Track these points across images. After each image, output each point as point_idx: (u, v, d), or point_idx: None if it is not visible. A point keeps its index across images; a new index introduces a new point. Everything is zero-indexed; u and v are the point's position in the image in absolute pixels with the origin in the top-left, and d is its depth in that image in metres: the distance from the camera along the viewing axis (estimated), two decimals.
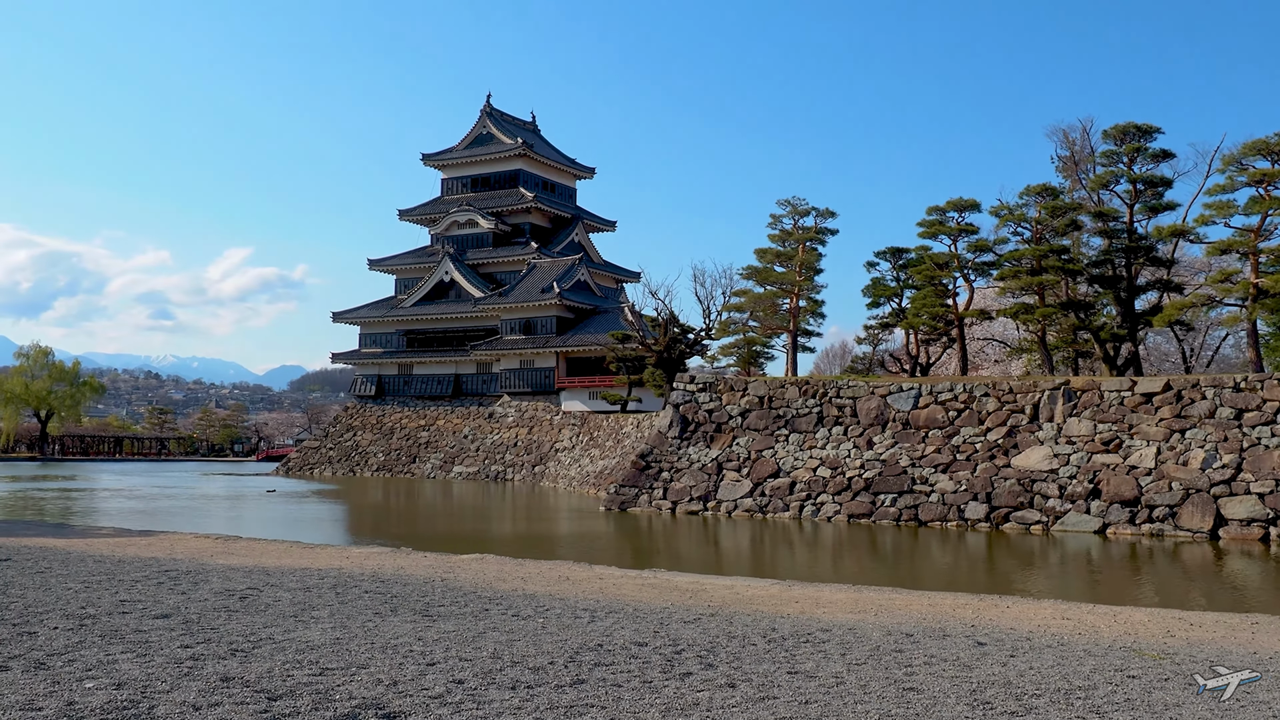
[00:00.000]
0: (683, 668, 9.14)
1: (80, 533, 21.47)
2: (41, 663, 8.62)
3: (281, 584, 13.45)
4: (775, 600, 13.35)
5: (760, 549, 31.00)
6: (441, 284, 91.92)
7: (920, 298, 41.94)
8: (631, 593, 13.95)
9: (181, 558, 16.25)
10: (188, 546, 18.18)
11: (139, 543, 18.78)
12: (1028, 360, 52.42)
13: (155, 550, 17.42)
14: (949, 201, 41.74)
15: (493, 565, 17.03)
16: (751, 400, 42.76)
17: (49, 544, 18.20)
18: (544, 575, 15.87)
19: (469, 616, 11.51)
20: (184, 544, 18.82)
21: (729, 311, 52.63)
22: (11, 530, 22.08)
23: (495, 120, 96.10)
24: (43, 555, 16.11)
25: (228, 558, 16.92)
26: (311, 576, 14.39)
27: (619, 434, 64.91)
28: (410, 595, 13.05)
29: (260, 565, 16.00)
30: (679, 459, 43.12)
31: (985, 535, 33.83)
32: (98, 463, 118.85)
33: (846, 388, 40.96)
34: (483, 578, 15.28)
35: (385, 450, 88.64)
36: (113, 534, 21.43)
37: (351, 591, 13.33)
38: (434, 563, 17.30)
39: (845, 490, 38.57)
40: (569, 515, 42.99)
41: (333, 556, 17.45)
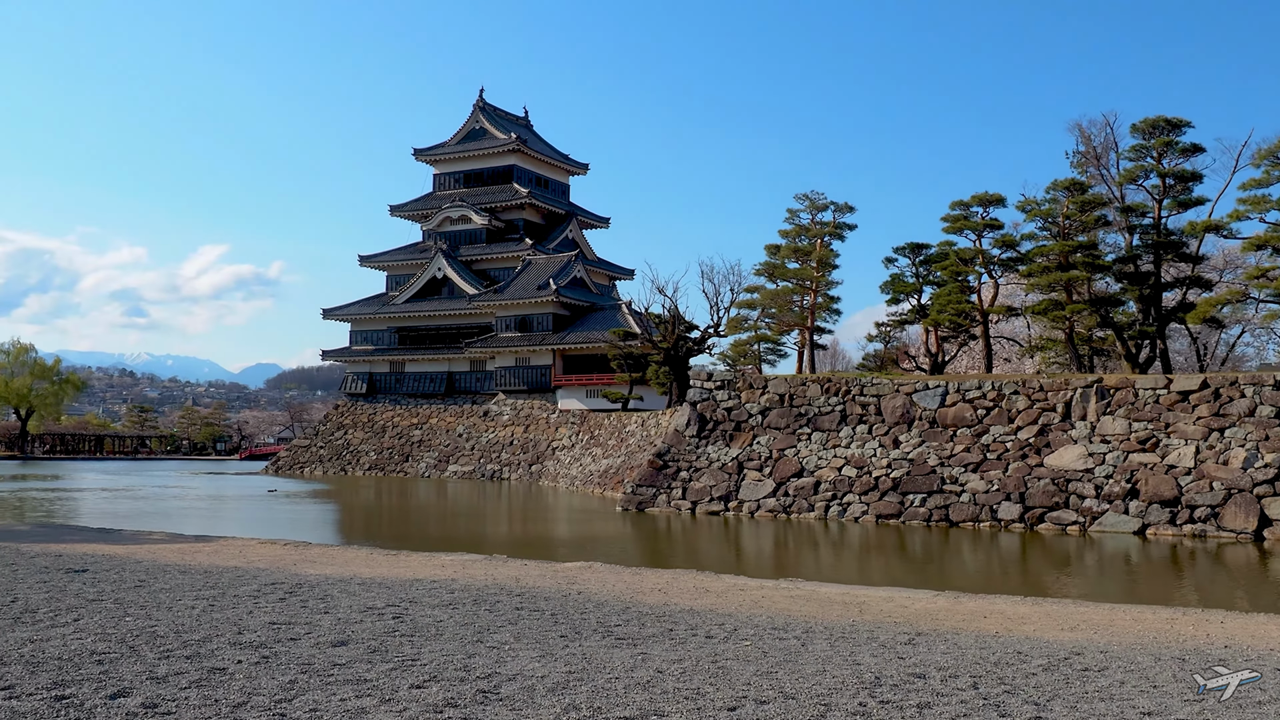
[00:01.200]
0: (1029, 712, 7.96)
1: (129, 538, 20.06)
2: (282, 714, 7.37)
3: (419, 599, 12.08)
4: (960, 615, 12.08)
5: (828, 552, 29.54)
6: (434, 280, 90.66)
7: (944, 294, 41.23)
8: (797, 607, 12.68)
9: (266, 567, 15.01)
10: (260, 554, 16.92)
11: (204, 549, 17.51)
12: (1042, 358, 51.85)
13: (229, 558, 16.16)
14: (974, 196, 41.09)
15: (608, 574, 15.81)
16: (772, 398, 41.93)
17: (108, 551, 16.88)
18: (678, 586, 14.64)
19: (664, 639, 10.16)
20: (253, 551, 17.55)
21: (740, 308, 51.77)
22: (57, 535, 20.66)
23: (488, 115, 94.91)
24: (116, 565, 14.81)
25: (316, 566, 15.72)
26: (439, 590, 13.08)
27: (622, 432, 63.94)
28: (569, 613, 11.70)
29: (358, 576, 14.75)
30: (698, 458, 42.23)
31: (1021, 536, 33.12)
32: (79, 462, 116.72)
33: (870, 385, 40.19)
34: (615, 589, 14.07)
35: (377, 449, 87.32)
36: (166, 539, 20.11)
37: (500, 608, 12.13)
38: (543, 571, 16.04)
39: (872, 490, 37.80)
40: (588, 516, 42.02)
41: (426, 565, 16.04)
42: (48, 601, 11.70)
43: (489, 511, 46.06)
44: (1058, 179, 39.26)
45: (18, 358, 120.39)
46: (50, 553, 16.59)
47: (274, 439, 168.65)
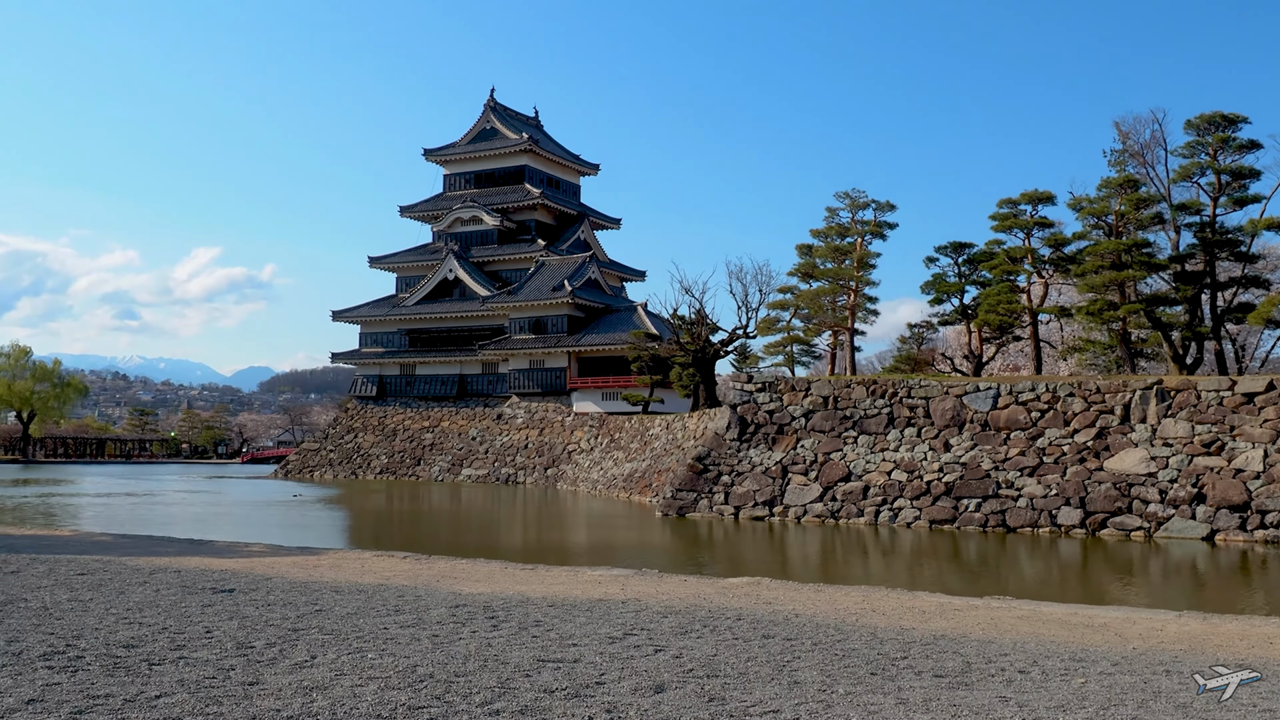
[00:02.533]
0: None
1: (227, 550, 18.79)
2: None
3: (651, 627, 10.80)
4: (1237, 640, 10.88)
5: (939, 561, 28.02)
6: (445, 282, 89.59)
7: (993, 293, 40.38)
8: (1050, 632, 11.01)
9: (412, 584, 13.51)
10: (385, 568, 15.58)
11: (321, 564, 16.13)
12: (1079, 359, 51.04)
13: (357, 573, 14.74)
14: (1023, 194, 40.27)
15: (792, 591, 14.59)
16: (815, 400, 41.03)
17: (225, 566, 15.56)
18: (890, 605, 13.44)
19: (993, 680, 8.85)
20: (376, 564, 16.17)
21: (772, 309, 50.85)
22: (149, 548, 19.26)
23: (499, 115, 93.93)
24: (253, 583, 13.45)
25: (465, 583, 14.39)
26: (644, 613, 11.69)
27: (644, 435, 63.00)
28: (858, 647, 10.28)
29: (530, 595, 13.48)
30: (739, 462, 41.31)
31: (1082, 542, 32.28)
32: (82, 466, 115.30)
33: (918, 387, 39.32)
34: (834, 610, 12.80)
35: (388, 452, 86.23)
36: (268, 551, 18.83)
37: (747, 635, 10.75)
38: (725, 589, 14.72)
39: (924, 495, 36.92)
40: (630, 521, 41.06)
41: (582, 581, 14.69)
42: (252, 632, 10.25)
43: (529, 517, 45.02)
44: (1109, 176, 38.46)
45: (18, 360, 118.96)
46: (166, 568, 15.28)
47: (272, 442, 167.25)
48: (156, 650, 9.19)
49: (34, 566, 15.69)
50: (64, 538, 23.13)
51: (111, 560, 16.34)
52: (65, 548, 19.51)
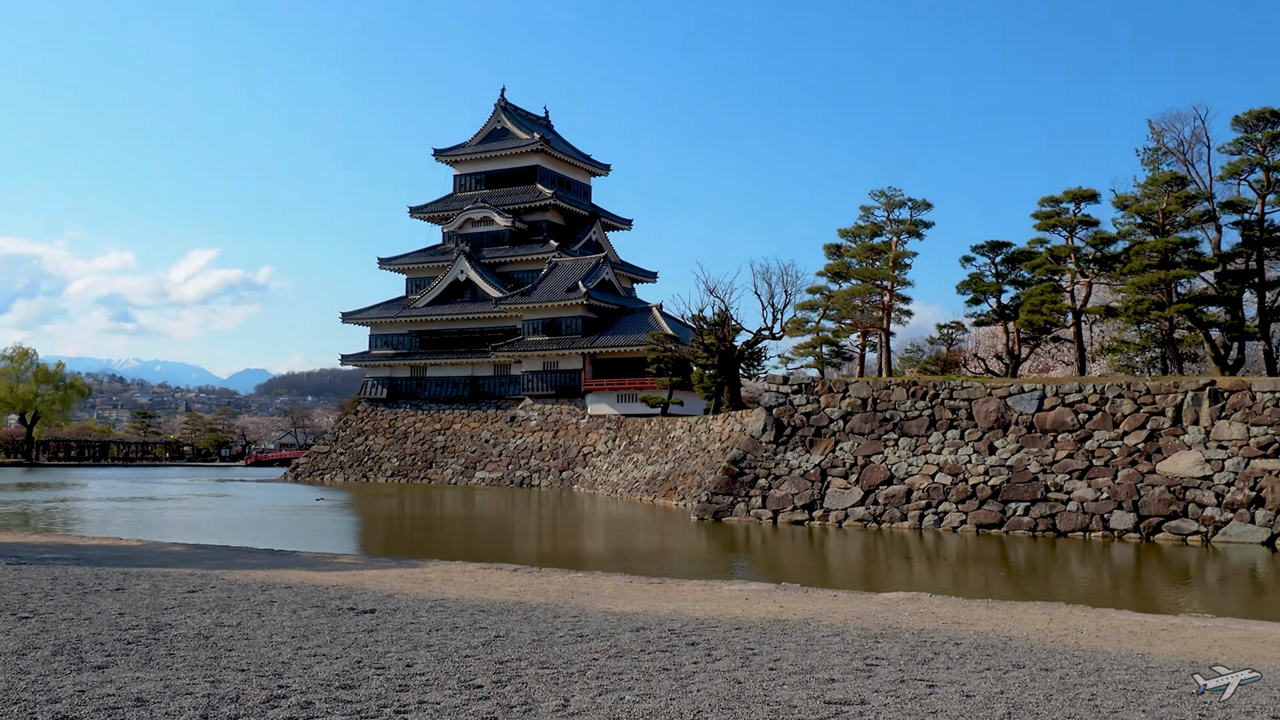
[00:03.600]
0: None
1: (315, 563, 17.69)
2: None
3: (880, 656, 9.92)
4: None
5: (1011, 566, 27.13)
6: (457, 283, 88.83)
7: (1036, 293, 39.67)
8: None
9: (547, 601, 12.69)
10: (501, 581, 14.33)
11: (430, 577, 14.80)
12: (1111, 361, 50.40)
13: (483, 590, 13.41)
14: (1065, 191, 39.57)
15: (967, 608, 13.68)
16: (854, 402, 40.30)
17: (334, 580, 14.73)
18: (1089, 625, 12.53)
19: None
20: (489, 578, 14.91)
21: (801, 310, 50.13)
22: (231, 559, 18.51)
23: (510, 115, 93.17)
24: (385, 603, 12.75)
25: (603, 600, 13.64)
26: (846, 636, 10.80)
27: (666, 438, 62.21)
28: (1094, 673, 9.38)
29: (681, 613, 12.63)
30: (776, 465, 40.57)
31: (1137, 546, 31.57)
32: (87, 469, 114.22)
33: (960, 389, 38.60)
34: (1041, 631, 11.87)
35: (399, 455, 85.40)
36: (361, 563, 17.71)
37: (1001, 665, 9.74)
38: (889, 605, 13.82)
39: (970, 498, 36.19)
40: (665, 526, 40.25)
41: (719, 596, 13.96)
42: (460, 666, 9.16)
43: (567, 522, 44.17)
44: (1156, 173, 37.76)
45: (21, 363, 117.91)
46: (274, 583, 14.49)
47: (274, 445, 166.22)
48: (381, 693, 8.22)
49: (136, 583, 14.80)
50: (134, 548, 22.16)
51: (209, 574, 15.43)
52: (143, 559, 18.60)
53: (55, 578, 15.15)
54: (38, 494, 60.56)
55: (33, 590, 13.82)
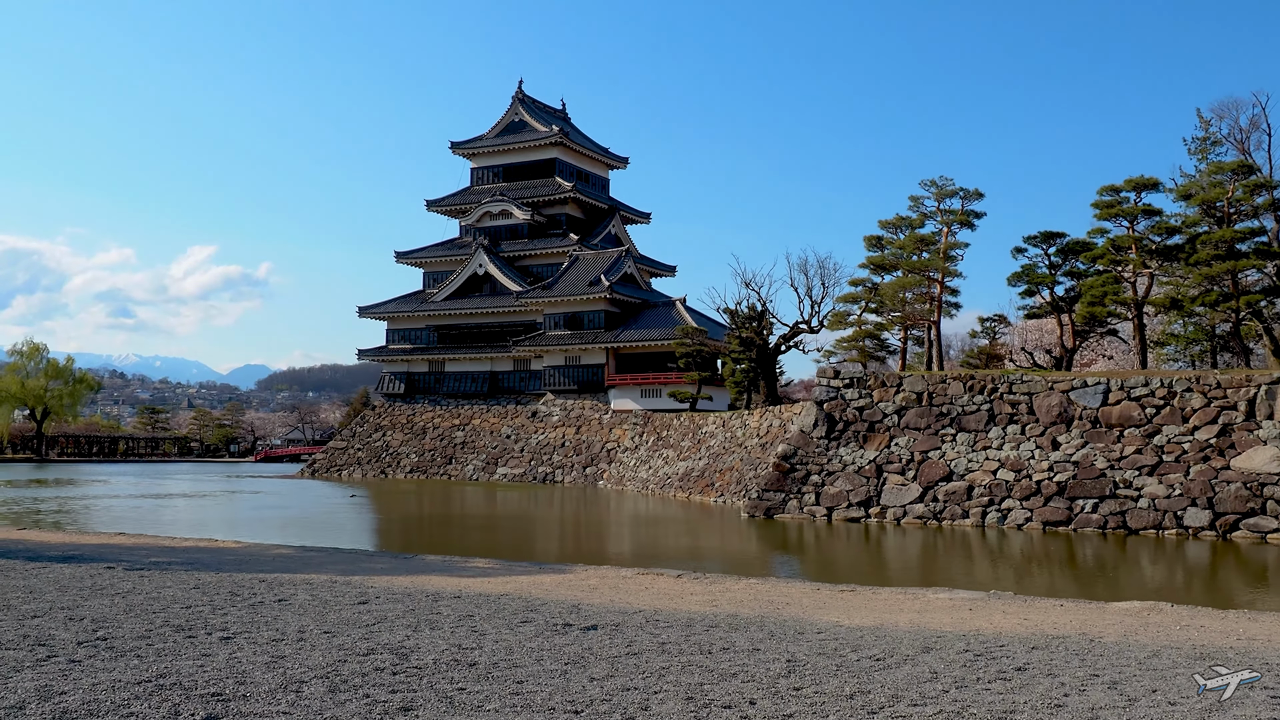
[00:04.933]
0: None
1: (450, 568, 16.25)
2: None
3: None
4: None
5: (1124, 567, 25.89)
6: (475, 277, 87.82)
7: (1097, 284, 38.74)
8: None
9: (752, 614, 11.38)
10: (679, 590, 13.48)
11: (594, 584, 13.64)
12: (1158, 355, 49.47)
13: (670, 599, 12.06)
14: (1126, 180, 38.61)
15: (1226, 620, 12.63)
16: (908, 396, 39.36)
17: (500, 589, 13.77)
18: None
19: None
20: (659, 585, 14.04)
21: (843, 303, 49.16)
22: (353, 564, 17.35)
23: (528, 107, 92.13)
24: (586, 614, 11.83)
25: (818, 612, 12.64)
26: (1166, 653, 9.92)
27: (697, 433, 61.28)
28: None
29: (923, 627, 11.62)
30: (829, 461, 39.64)
31: (1212, 544, 30.66)
32: (98, 465, 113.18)
33: (1020, 383, 37.66)
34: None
35: (418, 451, 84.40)
36: (498, 568, 16.31)
37: None
38: (1131, 615, 12.81)
39: (1034, 495, 35.27)
40: (721, 524, 39.28)
41: (938, 606, 13.04)
42: (781, 704, 8.01)
43: (611, 520, 43.12)
44: (1222, 161, 36.82)
45: (31, 358, 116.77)
46: (434, 592, 13.33)
47: (280, 440, 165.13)
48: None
49: (290, 592, 13.59)
50: (236, 549, 20.86)
51: (351, 581, 14.26)
52: (259, 563, 17.34)
53: (197, 586, 14.08)
54: (63, 490, 59.62)
55: (195, 603, 12.68)
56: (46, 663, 8.86)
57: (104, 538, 23.34)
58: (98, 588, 13.86)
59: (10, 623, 10.99)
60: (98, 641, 9.98)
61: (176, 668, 8.75)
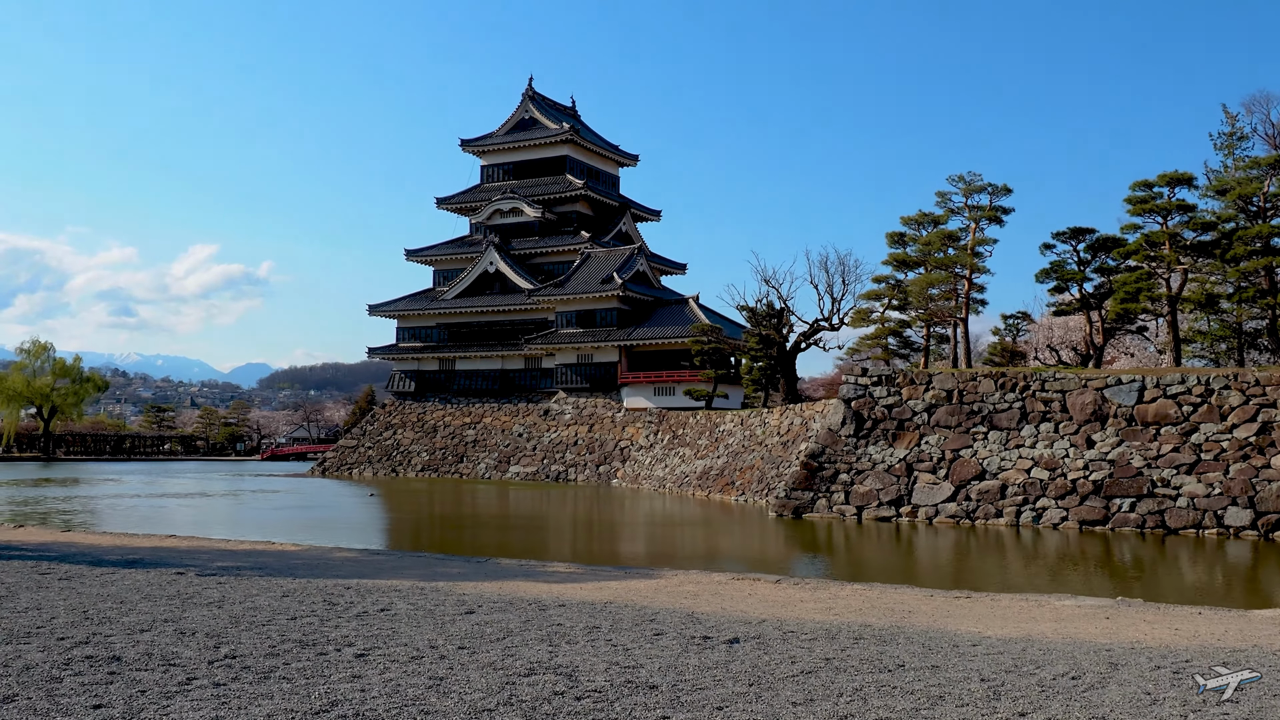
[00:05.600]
0: None
1: (531, 572, 15.60)
2: None
3: None
4: None
5: (1189, 568, 25.45)
6: (486, 275, 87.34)
7: (1130, 280, 38.29)
8: None
9: (883, 624, 10.72)
10: (783, 596, 13.07)
11: (692, 589, 13.33)
12: (1185, 352, 48.97)
13: (776, 607, 11.61)
14: (1160, 176, 38.17)
15: None
16: (938, 394, 38.92)
17: (588, 596, 13.25)
18: None
19: None
20: (758, 590, 13.49)
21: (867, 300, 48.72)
22: (426, 567, 16.66)
23: (538, 105, 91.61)
24: (757, 634, 10.93)
25: (953, 621, 12.16)
26: None
27: (714, 432, 60.83)
28: None
29: (1108, 644, 10.83)
30: (858, 459, 39.20)
31: (1255, 544, 30.22)
32: (106, 463, 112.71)
33: (1052, 380, 37.22)
34: None
35: (429, 449, 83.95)
36: (581, 573, 15.53)
37: None
38: (1256, 627, 12.22)
39: (1070, 494, 34.83)
40: (750, 523, 38.84)
41: (1068, 616, 12.49)
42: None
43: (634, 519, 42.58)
44: (1258, 156, 36.35)
45: (38, 356, 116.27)
46: (537, 600, 12.90)
47: (285, 439, 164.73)
48: None
49: (389, 600, 12.96)
50: (298, 553, 20.15)
51: (439, 587, 13.59)
52: (328, 568, 16.64)
53: (286, 594, 13.41)
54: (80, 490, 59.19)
55: (299, 614, 12.02)
56: (192, 687, 8.27)
57: (155, 540, 22.69)
58: (185, 596, 13.28)
59: (121, 637, 10.38)
60: (229, 661, 9.30)
61: (340, 693, 8.16)
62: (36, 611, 11.82)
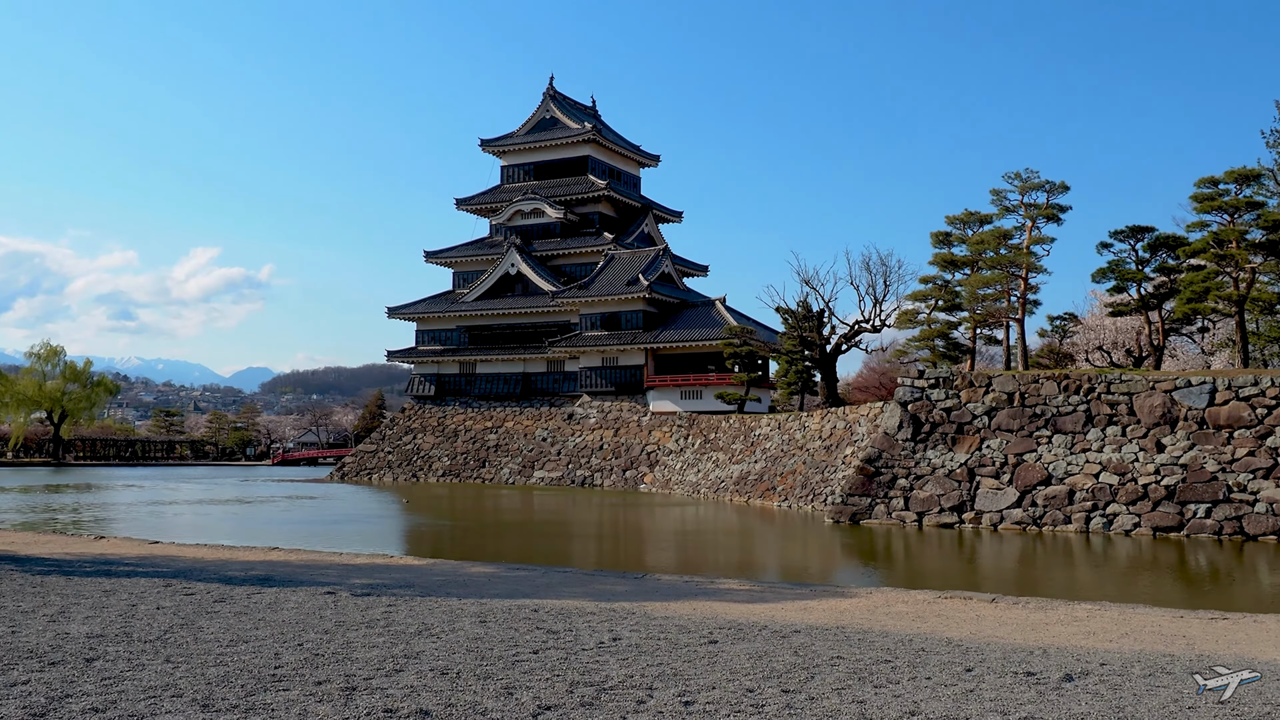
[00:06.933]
0: None
1: (708, 591, 14.28)
2: None
3: None
4: None
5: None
6: (507, 277, 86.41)
7: (1197, 280, 37.39)
8: None
9: (1167, 651, 10.24)
10: (1020, 618, 12.06)
11: (916, 611, 12.11)
12: (1232, 353, 48.11)
13: (1025, 630, 11.41)
14: (1226, 172, 37.32)
15: None
16: (998, 397, 37.99)
17: (772, 616, 12.18)
18: None
19: None
20: (986, 611, 12.49)
21: (913, 301, 47.77)
22: (580, 583, 15.77)
23: (559, 104, 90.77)
24: (1071, 666, 9.72)
25: (1238, 646, 11.27)
26: None
27: (749, 436, 59.89)
28: None
29: None
30: (916, 464, 38.26)
31: None
32: (116, 469, 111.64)
33: (1118, 382, 36.29)
34: None
35: (450, 454, 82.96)
36: (761, 589, 14.42)
37: None
38: None
39: (1142, 499, 33.89)
40: (807, 531, 37.81)
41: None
42: None
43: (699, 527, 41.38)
44: None
45: (49, 360, 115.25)
46: (762, 624, 11.79)
47: (294, 443, 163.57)
48: None
49: (616, 632, 11.59)
50: (424, 569, 18.71)
51: (637, 612, 12.16)
52: (469, 585, 15.56)
53: (484, 620, 11.81)
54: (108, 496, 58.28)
55: (541, 645, 10.82)
56: None
57: (257, 553, 21.13)
58: (387, 625, 11.74)
59: (382, 680, 8.93)
60: (548, 713, 8.03)
61: None
62: (246, 646, 10.44)
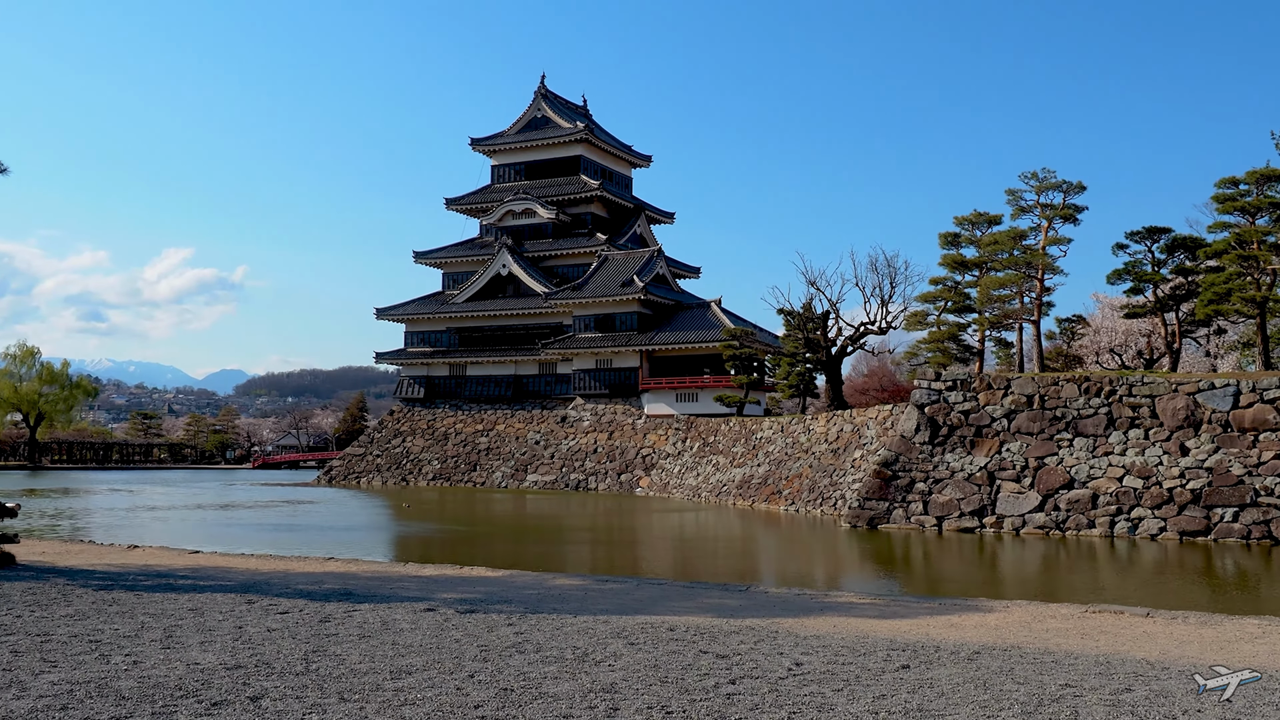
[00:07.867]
0: None
1: (820, 606, 13.71)
2: None
3: None
4: None
5: None
6: (498, 278, 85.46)
7: (1219, 281, 37.05)
8: None
9: None
10: (1166, 632, 11.42)
11: (1061, 626, 10.85)
12: (1241, 356, 47.93)
13: (1203, 648, 10.54)
14: (1247, 173, 37.02)
15: None
16: (1018, 400, 37.49)
17: (928, 634, 11.37)
18: None
19: None
20: (1149, 627, 11.80)
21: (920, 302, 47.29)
22: (684, 597, 14.65)
23: (551, 103, 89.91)
24: None
25: None
26: None
27: (751, 439, 59.23)
28: None
29: None
30: (935, 467, 37.70)
31: None
32: (91, 471, 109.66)
33: (1140, 385, 35.87)
34: None
35: (440, 457, 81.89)
36: (880, 603, 13.40)
37: None
38: None
39: (1167, 503, 33.44)
40: (827, 536, 37.13)
41: None
42: None
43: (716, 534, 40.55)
44: None
45: (24, 361, 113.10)
46: (935, 643, 11.02)
47: (273, 447, 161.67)
48: None
49: (780, 655, 10.52)
50: (507, 580, 17.59)
51: (780, 630, 11.15)
52: (587, 602, 14.40)
53: (633, 642, 11.00)
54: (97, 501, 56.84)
55: (710, 670, 9.69)
56: None
57: (314, 564, 19.77)
58: (538, 648, 10.68)
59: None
60: None
61: None
62: (411, 679, 9.05)
